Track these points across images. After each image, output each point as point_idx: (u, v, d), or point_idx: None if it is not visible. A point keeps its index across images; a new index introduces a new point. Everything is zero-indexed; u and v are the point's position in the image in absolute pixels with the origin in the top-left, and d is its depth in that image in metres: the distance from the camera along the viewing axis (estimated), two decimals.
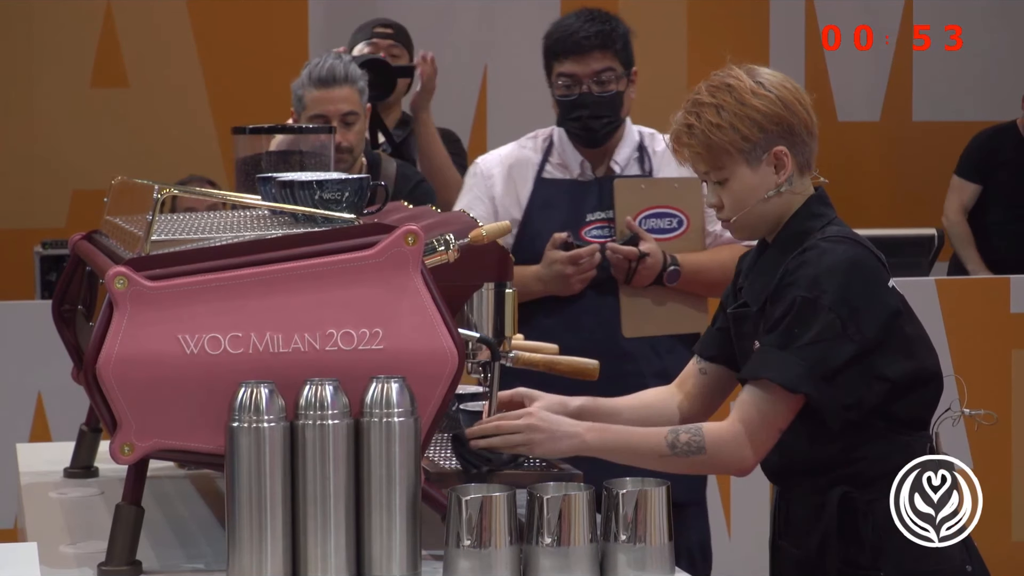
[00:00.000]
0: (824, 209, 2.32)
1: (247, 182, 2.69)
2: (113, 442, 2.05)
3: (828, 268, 2.22)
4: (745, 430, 2.21)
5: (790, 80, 2.32)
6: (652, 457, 2.23)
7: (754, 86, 2.27)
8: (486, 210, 3.18)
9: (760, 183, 2.28)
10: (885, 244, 5.38)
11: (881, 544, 2.23)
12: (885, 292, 2.26)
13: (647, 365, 3.20)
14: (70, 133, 6.20)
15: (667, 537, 2.05)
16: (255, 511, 1.98)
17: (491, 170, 3.20)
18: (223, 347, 2.04)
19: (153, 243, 2.12)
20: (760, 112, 2.26)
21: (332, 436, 1.99)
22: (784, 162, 2.28)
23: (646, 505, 2.05)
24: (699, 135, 2.27)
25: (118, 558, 2.09)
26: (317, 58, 3.50)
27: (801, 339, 2.20)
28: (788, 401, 2.22)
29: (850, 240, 2.28)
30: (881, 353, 2.23)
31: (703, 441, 2.22)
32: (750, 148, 2.27)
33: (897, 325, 2.25)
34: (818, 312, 2.20)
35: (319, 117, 3.41)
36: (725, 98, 2.27)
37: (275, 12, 6.36)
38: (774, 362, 2.21)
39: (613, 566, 2.05)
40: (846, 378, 2.20)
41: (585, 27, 3.12)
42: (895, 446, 2.25)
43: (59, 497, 2.58)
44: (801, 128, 2.29)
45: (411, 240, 2.10)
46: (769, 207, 2.30)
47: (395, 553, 2.01)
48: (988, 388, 4.77)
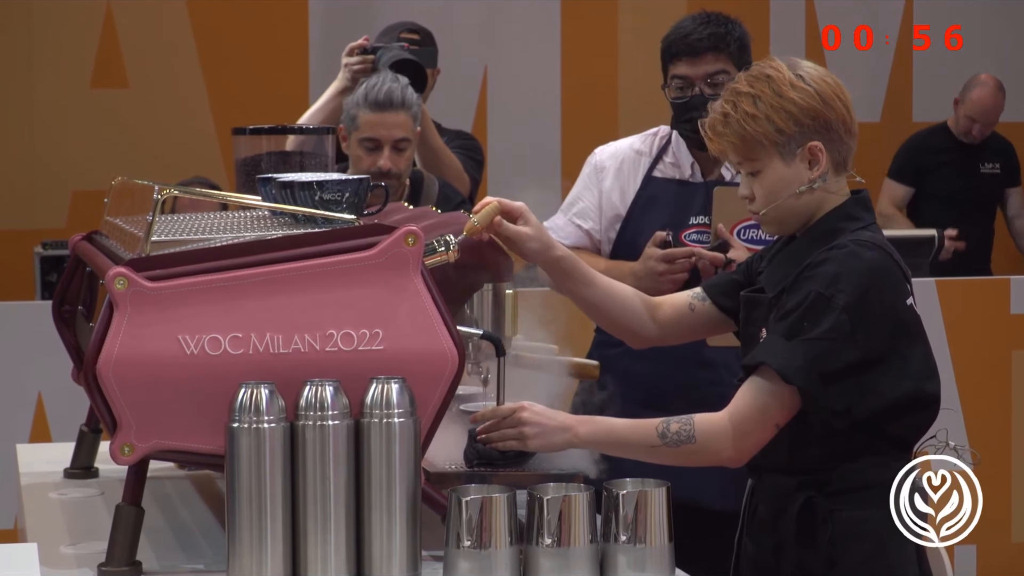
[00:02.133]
0: (862, 213, 2.29)
1: (247, 183, 2.69)
2: (113, 443, 2.05)
3: (850, 270, 2.19)
4: (738, 421, 2.19)
5: (832, 76, 2.28)
6: (643, 448, 2.22)
7: (793, 78, 2.24)
8: (594, 200, 3.16)
9: (793, 177, 2.25)
10: None
11: (835, 555, 2.21)
12: (902, 308, 2.23)
13: (728, 374, 3.16)
14: (70, 134, 6.20)
15: (667, 538, 2.05)
16: (255, 512, 1.98)
17: (604, 163, 3.18)
18: (223, 348, 2.04)
19: (153, 244, 2.12)
20: (797, 105, 2.23)
21: (332, 437, 1.99)
22: (819, 158, 2.24)
23: (646, 506, 2.04)
24: (734, 125, 2.24)
25: (118, 559, 2.10)
26: (375, 78, 3.50)
27: (808, 333, 2.17)
28: (784, 395, 2.19)
29: (880, 248, 2.25)
30: (883, 369, 2.20)
31: (693, 431, 2.20)
32: (784, 141, 2.24)
33: (904, 343, 2.22)
34: (830, 310, 2.17)
35: (370, 140, 3.42)
36: (763, 89, 2.24)
37: (275, 13, 6.37)
38: (776, 350, 2.18)
39: (613, 567, 2.05)
40: (842, 385, 2.18)
41: (699, 29, 3.09)
42: (872, 463, 2.23)
43: (59, 498, 2.58)
44: (839, 125, 2.25)
45: (411, 241, 2.10)
46: (800, 203, 2.26)
47: (395, 554, 2.01)
48: (988, 389, 4.77)
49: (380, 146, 3.41)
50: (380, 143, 3.41)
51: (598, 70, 6.61)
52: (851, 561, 2.21)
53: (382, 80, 3.46)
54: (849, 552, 2.21)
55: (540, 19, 6.63)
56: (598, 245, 3.16)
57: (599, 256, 3.15)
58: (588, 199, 3.16)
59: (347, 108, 3.49)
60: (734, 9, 3.25)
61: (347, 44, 3.84)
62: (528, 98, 6.62)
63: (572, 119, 6.62)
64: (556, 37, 6.66)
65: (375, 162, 3.41)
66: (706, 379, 3.07)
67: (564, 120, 6.64)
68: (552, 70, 6.64)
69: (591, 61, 6.65)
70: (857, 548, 2.21)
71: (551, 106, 6.64)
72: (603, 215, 3.14)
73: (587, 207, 3.16)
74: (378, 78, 3.49)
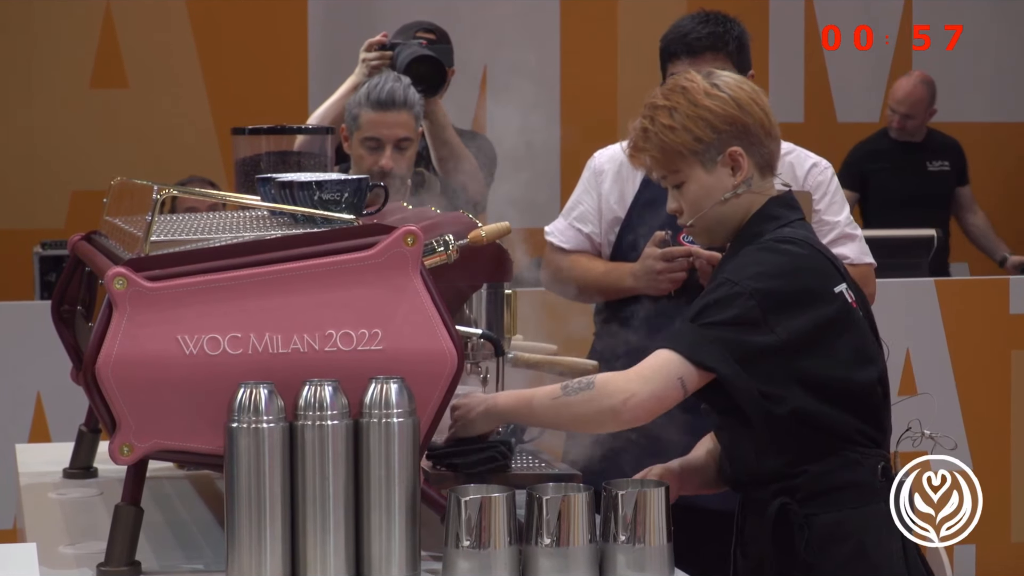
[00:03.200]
0: (783, 211, 2.29)
1: (246, 183, 2.69)
2: (112, 443, 2.05)
3: (761, 261, 2.20)
4: (642, 369, 2.17)
5: (749, 82, 2.30)
6: (546, 401, 2.21)
7: (708, 87, 2.26)
8: (593, 204, 3.17)
9: (716, 185, 2.26)
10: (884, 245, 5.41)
11: (813, 561, 2.20)
12: (824, 298, 2.22)
13: None
14: (70, 134, 6.21)
15: (666, 538, 2.05)
16: (254, 512, 1.98)
17: (603, 166, 3.19)
18: (222, 348, 2.04)
19: (152, 244, 2.12)
20: (713, 112, 2.24)
21: (331, 437, 1.99)
22: (740, 163, 2.26)
23: (645, 506, 2.04)
24: (654, 138, 2.26)
25: (117, 559, 2.10)
26: (377, 77, 3.50)
27: (714, 316, 2.17)
28: (688, 366, 2.17)
29: (800, 242, 2.24)
30: (806, 356, 2.19)
31: (594, 380, 2.19)
32: (703, 149, 2.25)
33: (831, 332, 2.21)
34: (736, 296, 2.17)
35: (372, 140, 3.42)
36: (679, 100, 2.26)
37: (275, 13, 6.37)
38: (680, 333, 2.19)
39: (612, 567, 2.05)
40: (764, 371, 2.17)
41: (698, 28, 3.09)
42: (841, 462, 2.22)
43: (58, 498, 2.58)
44: (757, 128, 2.26)
45: (410, 241, 2.10)
46: (728, 209, 2.27)
47: (394, 554, 2.01)
48: (988, 389, 4.77)
49: (382, 145, 3.42)
50: (382, 142, 3.42)
51: (598, 70, 6.62)
52: (830, 565, 2.20)
53: (384, 80, 3.47)
54: (827, 556, 2.20)
55: (540, 19, 6.64)
56: (598, 248, 3.17)
57: (599, 259, 3.16)
58: (588, 203, 3.17)
59: (349, 108, 3.49)
60: (733, 9, 3.25)
61: (346, 44, 3.85)
62: (528, 98, 6.61)
63: (571, 119, 6.63)
64: (555, 37, 6.67)
65: (377, 161, 3.42)
66: None
67: (563, 120, 6.65)
68: (552, 70, 6.65)
69: (591, 61, 6.66)
70: (835, 551, 2.20)
71: (551, 106, 6.64)
72: (603, 218, 3.15)
73: (587, 211, 3.16)
74: (380, 78, 3.49)
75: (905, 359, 4.66)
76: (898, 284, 4.80)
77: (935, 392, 4.67)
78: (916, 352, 4.70)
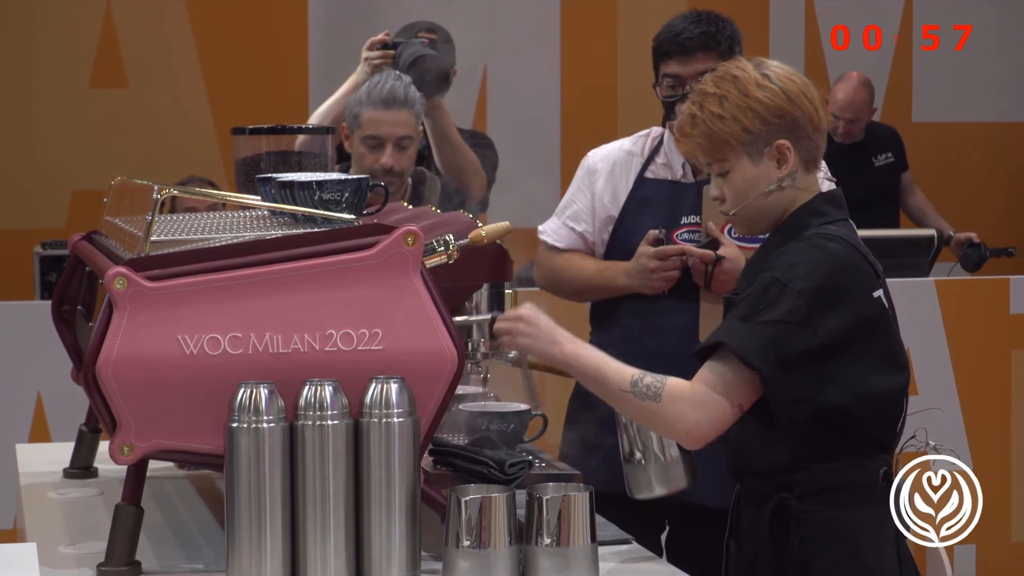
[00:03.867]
0: (830, 208, 2.29)
1: (246, 183, 2.70)
2: (112, 443, 2.05)
3: (808, 259, 2.20)
4: (705, 393, 2.16)
5: (799, 75, 2.29)
6: (613, 389, 2.20)
7: (759, 77, 2.25)
8: (586, 203, 3.18)
9: (761, 176, 2.26)
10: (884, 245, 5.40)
11: (807, 558, 2.20)
12: (863, 300, 2.22)
13: None
14: (70, 134, 6.21)
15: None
16: (255, 512, 1.98)
17: (596, 165, 3.20)
18: (223, 347, 2.04)
19: (152, 243, 2.12)
20: (763, 104, 2.24)
21: (332, 436, 2.00)
22: (787, 156, 2.25)
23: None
24: (701, 126, 2.25)
25: (117, 558, 2.10)
26: (378, 76, 3.51)
27: (764, 315, 2.16)
28: (745, 376, 2.17)
29: (843, 241, 2.25)
30: (843, 358, 2.19)
31: (662, 389, 2.17)
32: (751, 140, 2.24)
33: (866, 335, 2.21)
34: (786, 295, 2.16)
35: (373, 138, 3.43)
36: (729, 89, 2.24)
37: (275, 13, 6.38)
38: (734, 330, 2.18)
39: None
40: (800, 372, 2.16)
41: (690, 28, 3.10)
42: (844, 464, 2.22)
43: (59, 497, 2.59)
44: (806, 123, 2.26)
45: (411, 241, 2.10)
46: (770, 201, 2.27)
47: (394, 554, 2.02)
48: (988, 388, 4.77)
49: (383, 144, 3.43)
50: (383, 141, 3.43)
51: (597, 70, 6.63)
52: (824, 563, 2.19)
53: (385, 78, 3.47)
54: (821, 554, 2.20)
55: (540, 20, 6.64)
56: (592, 247, 3.17)
57: (592, 258, 3.16)
58: (581, 202, 3.17)
59: (350, 106, 3.50)
60: (733, 9, 3.25)
61: (346, 44, 3.86)
62: (528, 98, 6.62)
63: (572, 119, 6.63)
64: (556, 38, 6.67)
65: (378, 160, 3.42)
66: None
67: (564, 120, 6.65)
68: (552, 70, 6.65)
69: (591, 61, 6.66)
70: (830, 550, 2.20)
71: (551, 106, 6.64)
72: (596, 217, 3.15)
73: (580, 210, 3.17)
74: (381, 77, 3.50)
75: None
76: (898, 284, 4.80)
77: (935, 392, 4.67)
78: (916, 352, 4.70)
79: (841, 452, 2.22)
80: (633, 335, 3.00)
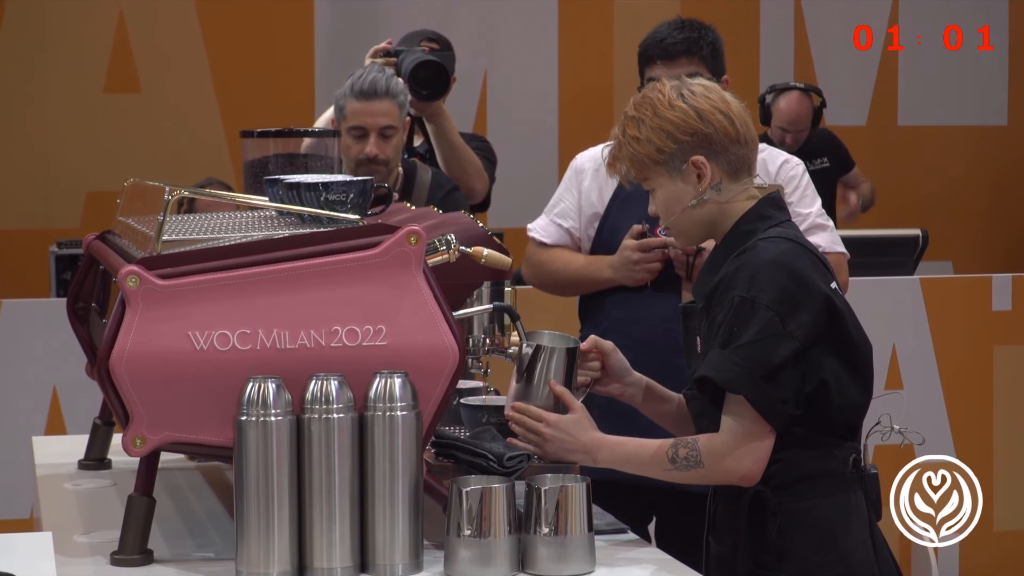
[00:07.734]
0: (772, 212, 2.33)
1: (255, 184, 2.73)
2: (125, 435, 2.07)
3: (763, 266, 2.24)
4: (734, 439, 2.22)
5: (718, 91, 2.33)
6: (660, 471, 2.27)
7: (673, 98, 2.31)
8: (573, 201, 3.25)
9: (683, 191, 2.32)
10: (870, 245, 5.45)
11: (784, 547, 2.25)
12: (822, 293, 2.26)
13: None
14: (84, 137, 6.26)
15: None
16: (263, 502, 2.01)
17: (583, 165, 3.28)
18: (232, 343, 2.06)
19: (164, 243, 2.14)
20: (673, 123, 2.30)
21: (337, 429, 2.02)
22: (703, 171, 2.30)
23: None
24: (625, 148, 2.33)
25: (130, 547, 2.13)
26: (361, 69, 3.56)
27: (740, 338, 2.21)
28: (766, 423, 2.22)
29: (789, 241, 2.29)
30: (818, 349, 2.24)
31: (699, 456, 2.24)
32: (667, 159, 2.31)
33: (831, 324, 2.25)
34: (756, 311, 2.21)
35: (357, 128, 3.47)
36: (645, 111, 2.32)
37: (282, 19, 6.42)
38: (716, 361, 2.23)
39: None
40: (784, 375, 2.21)
41: (674, 34, 3.19)
42: (815, 452, 2.26)
43: (73, 488, 2.61)
44: (720, 136, 2.30)
45: (413, 240, 2.12)
46: (699, 213, 2.32)
47: (398, 542, 2.05)
48: (971, 383, 4.83)
49: (367, 134, 3.47)
50: (367, 131, 3.46)
51: (594, 74, 6.67)
52: (800, 552, 2.24)
53: (368, 71, 3.52)
54: (797, 543, 2.24)
55: (538, 25, 6.69)
56: (578, 243, 3.26)
57: (579, 253, 3.24)
58: (568, 200, 3.26)
59: (336, 100, 3.54)
60: (723, 15, 3.32)
61: (351, 51, 3.90)
62: (526, 102, 6.67)
63: (569, 122, 6.68)
64: (554, 42, 6.71)
65: (363, 149, 3.46)
66: (684, 365, 3.15)
67: (561, 123, 6.69)
68: (550, 74, 6.70)
69: (588, 66, 6.70)
70: (805, 538, 2.25)
71: (549, 109, 6.69)
72: (582, 214, 3.24)
73: (567, 207, 3.25)
74: (364, 70, 3.54)
75: (891, 355, 4.72)
76: (884, 282, 4.87)
77: (920, 387, 4.72)
78: (901, 348, 4.77)
79: (811, 443, 2.26)
80: (619, 326, 3.07)
